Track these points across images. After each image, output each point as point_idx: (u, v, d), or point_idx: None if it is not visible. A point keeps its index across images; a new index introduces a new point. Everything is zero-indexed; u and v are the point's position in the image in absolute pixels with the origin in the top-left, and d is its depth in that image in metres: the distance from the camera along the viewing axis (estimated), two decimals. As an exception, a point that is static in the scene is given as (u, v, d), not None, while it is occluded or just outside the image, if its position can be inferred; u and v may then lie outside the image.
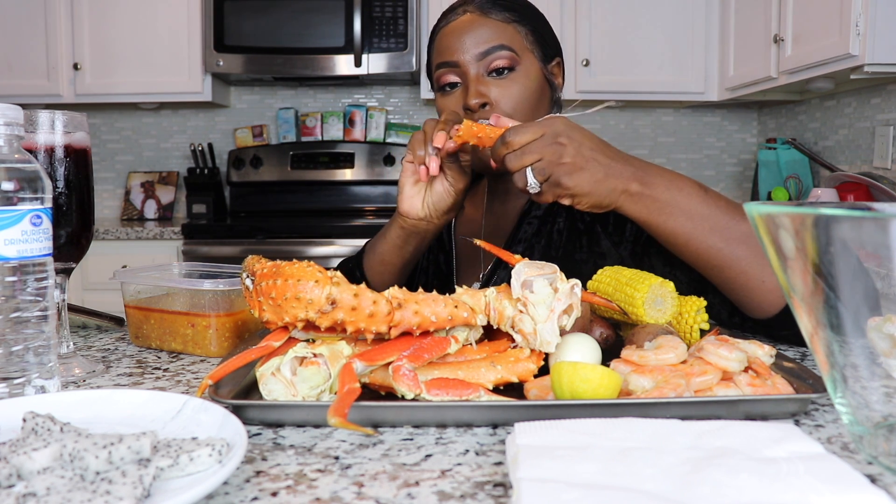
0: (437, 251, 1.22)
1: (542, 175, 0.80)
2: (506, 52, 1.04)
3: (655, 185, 0.82)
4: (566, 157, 0.79)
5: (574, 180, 0.79)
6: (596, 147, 0.81)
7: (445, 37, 1.07)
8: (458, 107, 1.06)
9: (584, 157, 0.79)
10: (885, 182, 2.21)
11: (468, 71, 1.04)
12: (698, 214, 0.82)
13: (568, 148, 0.79)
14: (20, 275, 0.64)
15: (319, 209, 3.27)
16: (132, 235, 2.83)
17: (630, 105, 3.32)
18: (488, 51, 1.03)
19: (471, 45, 1.04)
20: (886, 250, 0.42)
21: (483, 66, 1.04)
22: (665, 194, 0.82)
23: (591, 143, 0.81)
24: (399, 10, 2.94)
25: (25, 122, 0.73)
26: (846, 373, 0.47)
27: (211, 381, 0.62)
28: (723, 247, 0.82)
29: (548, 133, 0.80)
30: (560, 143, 0.79)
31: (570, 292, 0.67)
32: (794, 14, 2.34)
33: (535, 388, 0.64)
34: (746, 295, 0.84)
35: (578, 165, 0.79)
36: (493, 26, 1.05)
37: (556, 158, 0.79)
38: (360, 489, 0.48)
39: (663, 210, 0.82)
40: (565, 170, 0.79)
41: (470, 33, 1.05)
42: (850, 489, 0.42)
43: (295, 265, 0.66)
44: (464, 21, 1.06)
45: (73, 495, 0.41)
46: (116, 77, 3.03)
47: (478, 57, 1.04)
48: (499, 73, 1.04)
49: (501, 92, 1.03)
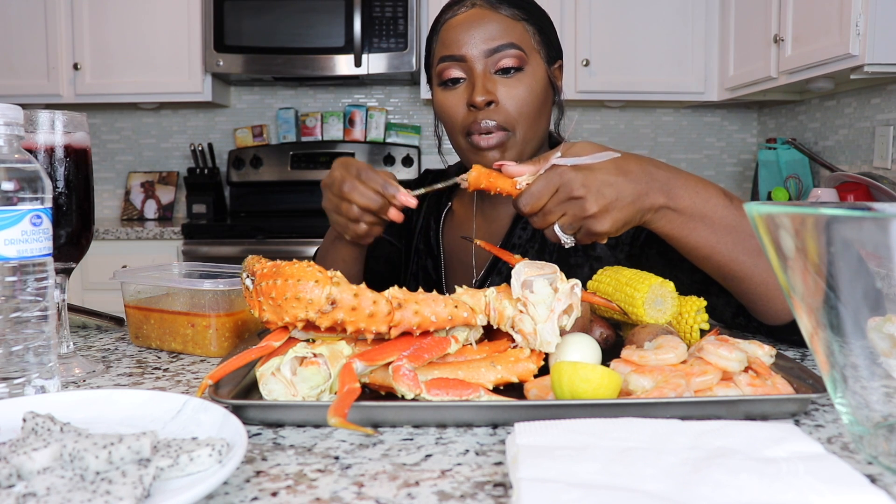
0: (426, 257, 1.19)
1: (572, 230, 0.77)
2: (515, 52, 1.00)
3: (680, 198, 0.78)
4: (590, 209, 0.75)
5: (605, 225, 0.76)
6: (612, 177, 0.76)
7: (452, 29, 1.02)
8: (461, 103, 1.02)
9: (606, 198, 0.75)
10: (885, 182, 2.21)
11: (474, 67, 1.00)
12: (722, 227, 0.79)
13: (588, 198, 0.75)
14: (20, 275, 0.64)
15: (319, 209, 3.24)
16: (132, 235, 2.83)
17: (630, 105, 3.32)
18: (498, 48, 0.99)
19: (479, 40, 1.00)
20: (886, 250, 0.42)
21: (491, 63, 1.00)
22: (690, 207, 0.78)
23: (605, 176, 0.76)
24: (399, 10, 2.94)
25: (25, 122, 0.73)
26: (846, 373, 0.47)
27: (211, 381, 0.62)
28: (745, 259, 0.79)
29: (561, 188, 0.76)
30: (578, 197, 0.75)
31: (570, 292, 0.67)
32: (794, 14, 2.34)
33: (535, 388, 0.64)
34: (764, 304, 0.83)
35: (605, 210, 0.75)
36: (502, 22, 1.01)
37: (580, 213, 0.76)
38: (360, 489, 0.48)
39: (687, 224, 0.79)
40: (594, 221, 0.76)
41: (479, 28, 1.00)
42: (850, 489, 0.42)
43: (295, 265, 0.66)
44: (472, 14, 1.02)
45: (73, 495, 0.41)
46: (116, 77, 3.03)
47: (486, 53, 1.00)
48: (505, 72, 1.00)
49: (508, 92, 1.00)
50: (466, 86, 1.02)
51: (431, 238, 1.19)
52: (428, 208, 1.23)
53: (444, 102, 1.04)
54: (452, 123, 1.04)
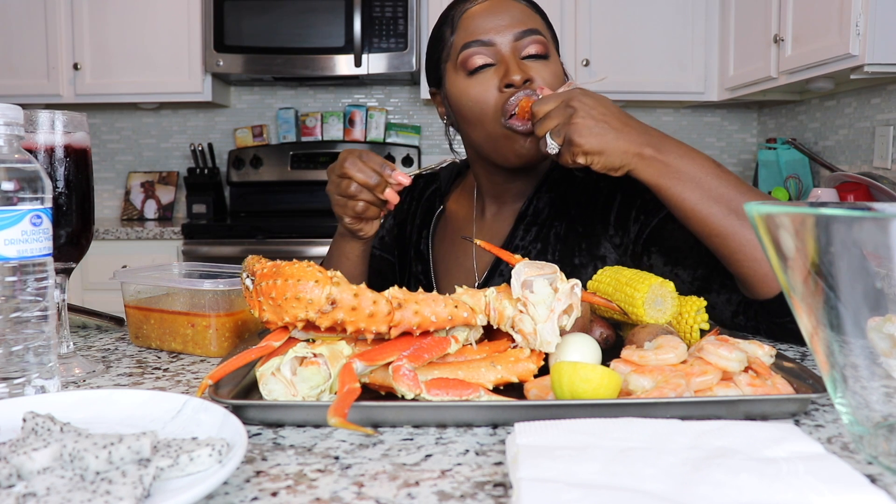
0: (416, 262, 1.18)
1: (559, 137, 0.85)
2: (541, 37, 1.01)
3: (668, 153, 0.85)
4: (576, 118, 0.84)
5: (584, 138, 0.83)
6: (609, 112, 0.85)
7: (475, 17, 1.02)
8: (492, 87, 0.99)
9: (593, 118, 0.84)
10: (885, 182, 2.21)
11: (503, 51, 0.99)
12: (707, 184, 0.84)
13: (579, 110, 0.84)
14: (20, 275, 0.64)
15: (319, 209, 3.27)
16: (132, 235, 2.83)
17: (630, 105, 3.32)
18: (526, 32, 1.00)
19: (506, 23, 1.00)
20: (886, 250, 0.42)
21: (519, 48, 1.00)
22: (677, 161, 0.84)
23: (603, 107, 0.85)
24: (399, 10, 2.94)
25: (25, 122, 0.73)
26: (846, 373, 0.47)
27: (211, 381, 0.62)
28: (726, 215, 0.83)
29: (564, 99, 0.86)
30: (571, 106, 0.84)
31: (570, 292, 0.67)
32: (794, 14, 2.34)
33: (535, 388, 0.64)
34: (750, 270, 0.84)
35: (587, 125, 0.83)
36: (524, 10, 1.03)
37: (567, 120, 0.84)
38: (360, 489, 0.48)
39: (673, 175, 0.84)
40: (575, 129, 0.83)
41: (504, 12, 1.01)
42: (850, 489, 0.42)
43: (295, 265, 0.66)
44: (495, 1, 1.02)
45: (73, 495, 0.41)
46: (116, 77, 3.03)
47: (516, 37, 1.00)
48: (533, 58, 1.00)
49: (540, 74, 0.99)
50: (496, 69, 1.00)
51: (422, 243, 1.18)
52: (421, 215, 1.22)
53: (472, 90, 1.01)
54: (483, 110, 1.00)
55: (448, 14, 1.07)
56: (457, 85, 1.03)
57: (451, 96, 1.04)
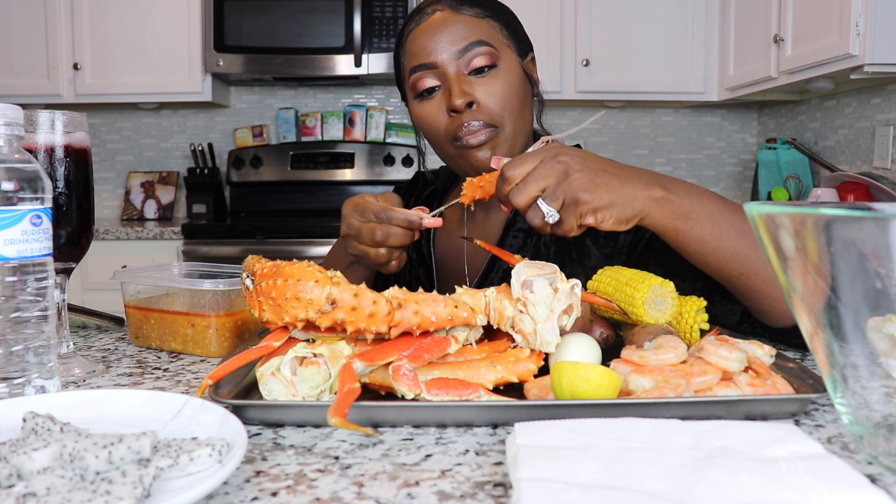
0: (418, 265, 1.18)
1: (556, 200, 0.74)
2: (485, 48, 0.98)
3: (676, 191, 0.77)
4: (574, 173, 0.73)
5: (591, 193, 0.73)
6: (602, 160, 0.77)
7: (418, 38, 1.00)
8: (440, 112, 0.99)
9: (592, 169, 0.74)
10: (885, 182, 2.21)
11: (447, 71, 0.98)
12: (723, 219, 0.77)
13: (572, 164, 0.74)
14: (20, 275, 0.64)
15: (319, 209, 3.27)
16: (132, 235, 2.83)
17: (630, 105, 3.32)
18: (467, 47, 0.97)
19: (447, 43, 0.97)
20: (886, 250, 0.42)
21: (463, 64, 0.97)
22: (688, 199, 0.77)
23: (593, 158, 0.76)
24: (399, 10, 2.94)
25: (25, 122, 0.73)
26: (846, 373, 0.47)
27: (211, 381, 0.62)
28: (750, 252, 0.77)
29: (546, 157, 0.75)
30: (562, 162, 0.74)
31: (570, 292, 0.67)
32: (794, 14, 2.34)
33: (535, 388, 0.64)
34: (770, 303, 0.80)
35: (590, 178, 0.73)
36: (467, 22, 0.99)
37: (564, 177, 0.74)
38: (360, 489, 0.48)
39: (689, 215, 0.76)
40: (578, 185, 0.73)
41: (444, 31, 0.98)
42: (850, 489, 0.42)
43: (295, 265, 0.66)
44: (436, 20, 1.00)
45: (73, 495, 0.41)
46: (116, 77, 3.03)
47: (456, 55, 0.97)
48: (479, 71, 0.98)
49: (486, 90, 0.97)
50: (443, 93, 0.99)
51: (423, 246, 1.17)
52: None
53: (423, 114, 1.01)
54: (436, 133, 1.01)
55: (399, 36, 1.07)
56: (413, 107, 1.04)
57: (412, 117, 1.06)
